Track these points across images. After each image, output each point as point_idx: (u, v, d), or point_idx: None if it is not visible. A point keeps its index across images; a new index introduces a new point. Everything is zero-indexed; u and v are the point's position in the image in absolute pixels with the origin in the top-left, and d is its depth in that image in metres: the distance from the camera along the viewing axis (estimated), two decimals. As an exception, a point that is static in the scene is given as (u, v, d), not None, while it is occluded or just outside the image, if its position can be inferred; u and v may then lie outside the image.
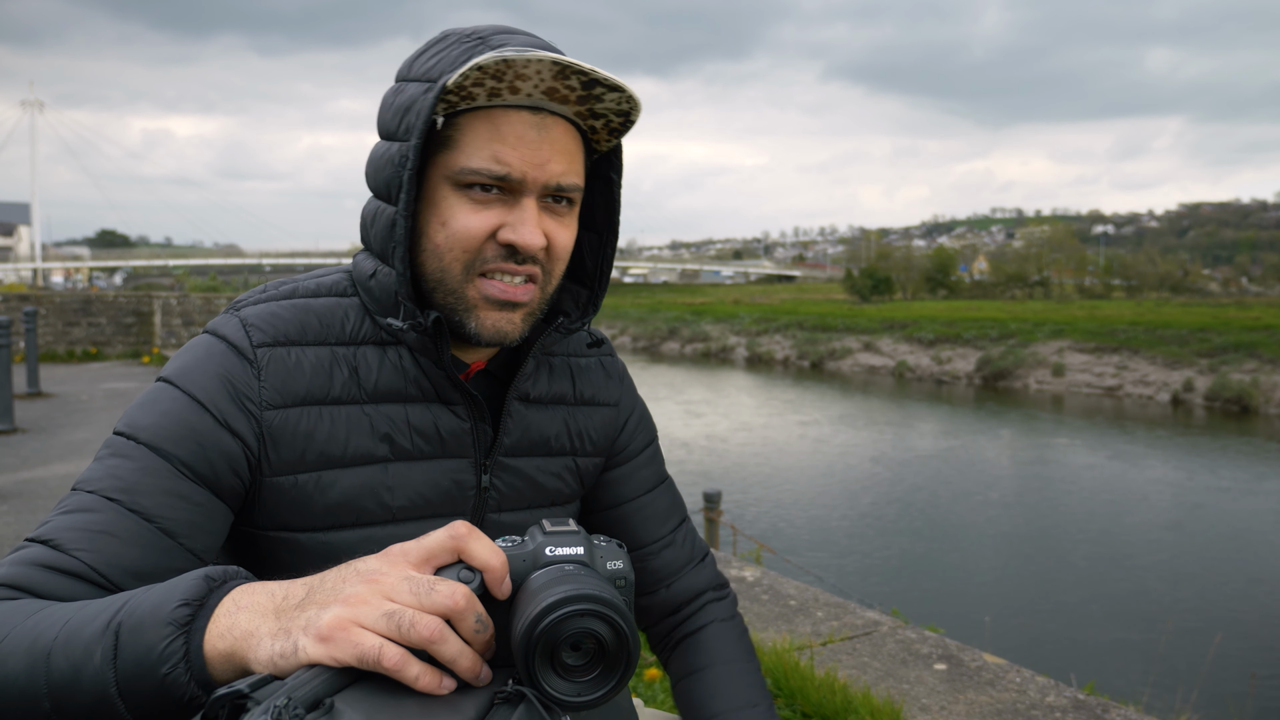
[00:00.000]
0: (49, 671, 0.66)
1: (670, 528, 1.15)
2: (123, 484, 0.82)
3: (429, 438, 0.95)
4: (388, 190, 0.90)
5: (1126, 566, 10.11)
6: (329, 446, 0.91)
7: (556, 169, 0.89)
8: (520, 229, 0.88)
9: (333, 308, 0.95)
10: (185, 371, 0.89)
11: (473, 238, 0.88)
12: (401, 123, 0.88)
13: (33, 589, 0.75)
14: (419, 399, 0.95)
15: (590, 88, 0.87)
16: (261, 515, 0.91)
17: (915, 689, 2.92)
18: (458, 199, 0.88)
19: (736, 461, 15.48)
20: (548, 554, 0.70)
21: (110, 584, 0.78)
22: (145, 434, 0.85)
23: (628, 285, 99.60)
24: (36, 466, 6.79)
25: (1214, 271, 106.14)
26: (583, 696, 0.64)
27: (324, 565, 0.90)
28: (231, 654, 0.64)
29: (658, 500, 1.15)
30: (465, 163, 0.87)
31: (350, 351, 0.94)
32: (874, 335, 33.61)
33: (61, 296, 16.19)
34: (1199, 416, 22.27)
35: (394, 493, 0.94)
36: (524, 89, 0.86)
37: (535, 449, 1.04)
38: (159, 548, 0.81)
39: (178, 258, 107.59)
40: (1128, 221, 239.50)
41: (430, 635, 0.62)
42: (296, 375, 0.90)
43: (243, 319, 0.92)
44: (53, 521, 0.80)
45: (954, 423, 21.03)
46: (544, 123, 0.88)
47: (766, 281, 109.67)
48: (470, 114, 0.88)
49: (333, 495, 0.91)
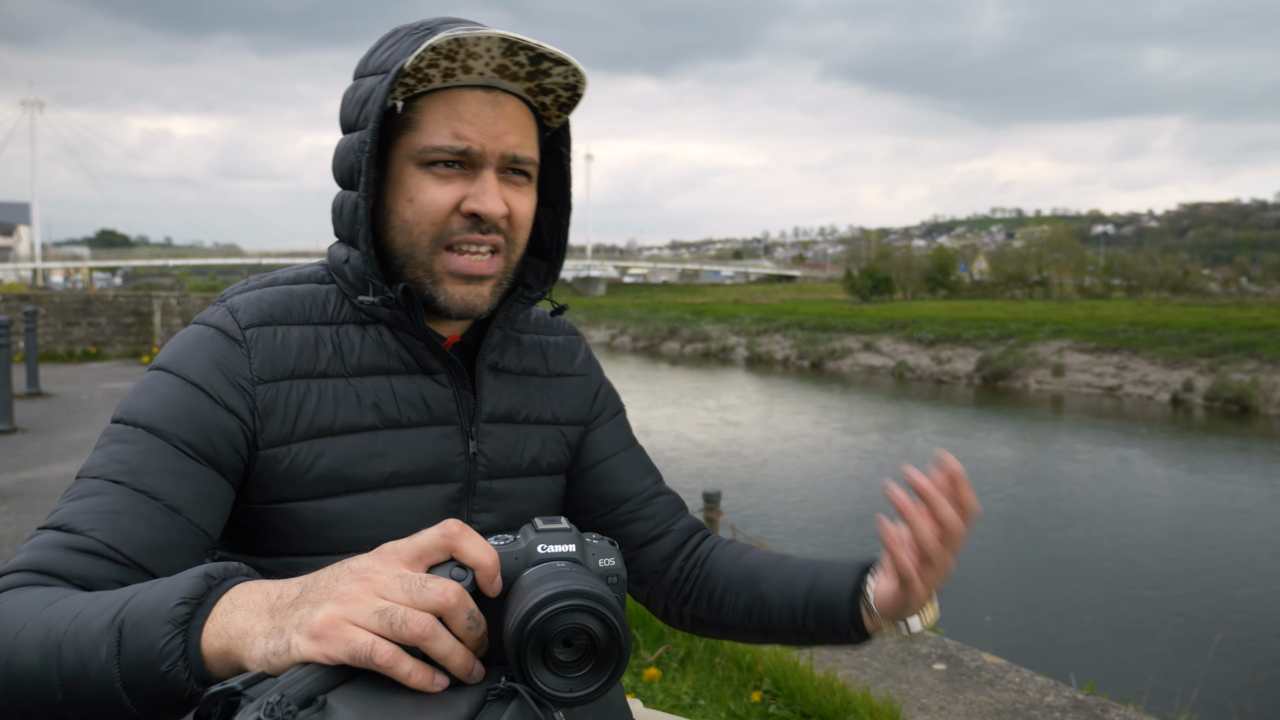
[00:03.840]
0: (60, 664, 0.68)
1: (652, 480, 1.20)
2: (127, 466, 0.84)
3: (415, 406, 0.99)
4: (351, 177, 0.95)
5: (1127, 566, 10.11)
6: (319, 416, 0.94)
7: (512, 140, 0.95)
8: (482, 198, 0.93)
9: (313, 292, 1.00)
10: (177, 358, 0.92)
11: (438, 209, 0.94)
12: (361, 112, 0.94)
13: (55, 570, 0.77)
14: (402, 371, 0.99)
15: (538, 63, 0.93)
16: (258, 490, 0.93)
17: (915, 689, 2.93)
18: (422, 175, 0.94)
19: (736, 461, 15.48)
20: (539, 552, 0.71)
21: (128, 560, 0.80)
22: (144, 417, 0.88)
23: (628, 285, 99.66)
24: (36, 466, 6.80)
25: (1214, 271, 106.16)
26: (575, 692, 0.64)
27: (318, 532, 0.93)
28: (227, 652, 0.64)
29: (634, 458, 1.20)
30: (427, 141, 0.93)
31: (333, 330, 0.98)
32: (874, 335, 33.62)
33: (61, 296, 16.19)
34: (1199, 416, 22.26)
35: (385, 459, 0.97)
36: (476, 67, 0.91)
37: (516, 416, 1.08)
38: (168, 525, 0.83)
39: (177, 258, 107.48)
40: (1128, 221, 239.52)
41: (422, 632, 0.62)
42: (284, 351, 0.94)
43: (229, 306, 0.96)
44: (63, 509, 0.82)
45: (954, 423, 21.03)
46: (497, 100, 0.94)
47: (766, 281, 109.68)
48: (428, 96, 0.93)
49: (325, 463, 0.94)
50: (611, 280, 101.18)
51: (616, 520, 1.16)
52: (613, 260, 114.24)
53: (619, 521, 1.16)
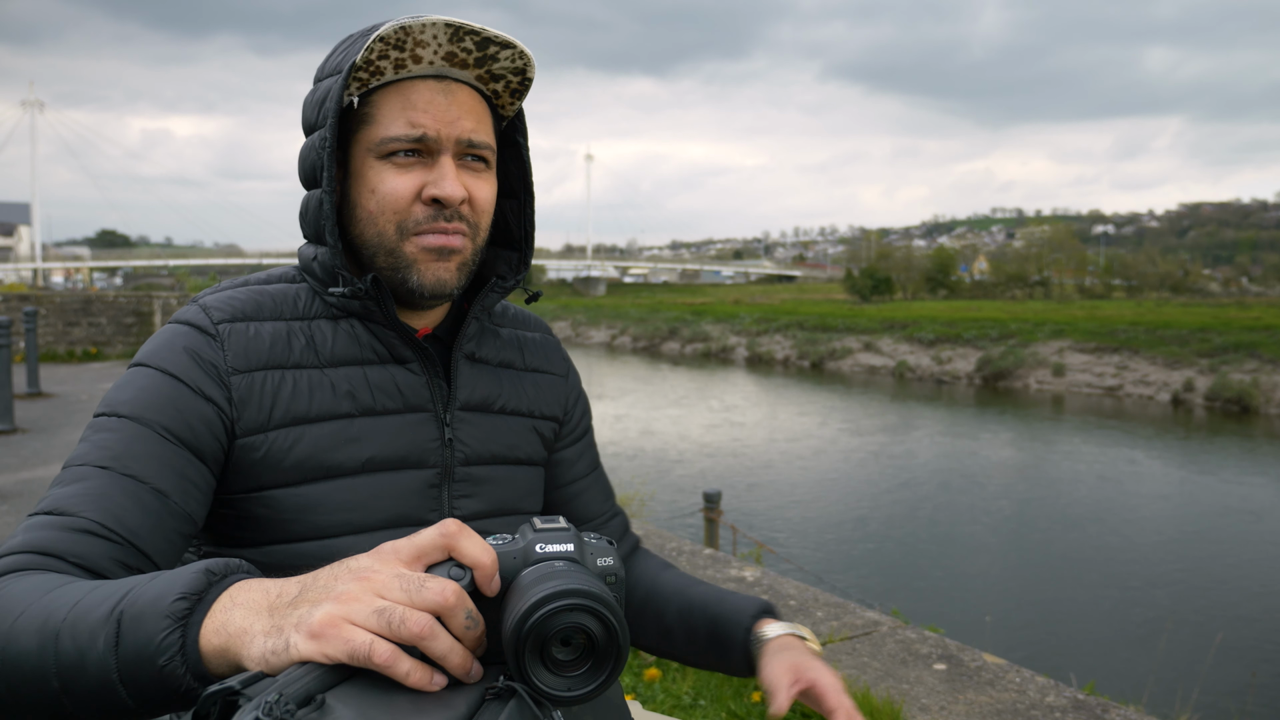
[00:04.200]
0: (58, 652, 0.68)
1: (612, 502, 1.28)
2: (111, 453, 0.86)
3: (390, 393, 1.01)
4: (314, 175, 0.98)
5: (1127, 566, 10.11)
6: (294, 404, 0.96)
7: (467, 125, 0.97)
8: (442, 183, 0.95)
9: (285, 290, 1.02)
10: (154, 353, 0.95)
11: (400, 198, 0.96)
12: (320, 112, 0.96)
13: (53, 549, 0.79)
14: (375, 361, 1.02)
15: (484, 48, 0.95)
16: (238, 478, 0.95)
17: (915, 689, 2.93)
18: (382, 166, 0.96)
19: (736, 461, 15.49)
20: (538, 551, 0.71)
21: (122, 538, 0.82)
22: (126, 408, 0.90)
23: (628, 285, 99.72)
24: (36, 466, 6.80)
25: (1214, 271, 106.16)
26: (573, 691, 0.64)
27: (298, 517, 0.95)
28: (225, 650, 0.64)
29: (599, 479, 1.27)
30: (383, 133, 0.95)
31: (305, 325, 1.00)
32: (874, 335, 33.62)
33: (61, 296, 16.21)
34: (1199, 416, 22.27)
35: (362, 444, 0.98)
36: (425, 56, 0.94)
37: (491, 406, 1.09)
38: (155, 508, 0.85)
39: (178, 258, 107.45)
40: (1128, 221, 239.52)
41: (421, 631, 0.62)
42: (256, 344, 0.96)
43: (202, 305, 0.99)
44: (50, 495, 0.84)
45: (954, 423, 21.04)
46: (449, 88, 0.97)
47: (767, 281, 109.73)
48: (382, 90, 0.96)
49: (302, 449, 0.96)
50: (612, 280, 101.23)
51: None
52: (613, 260, 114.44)
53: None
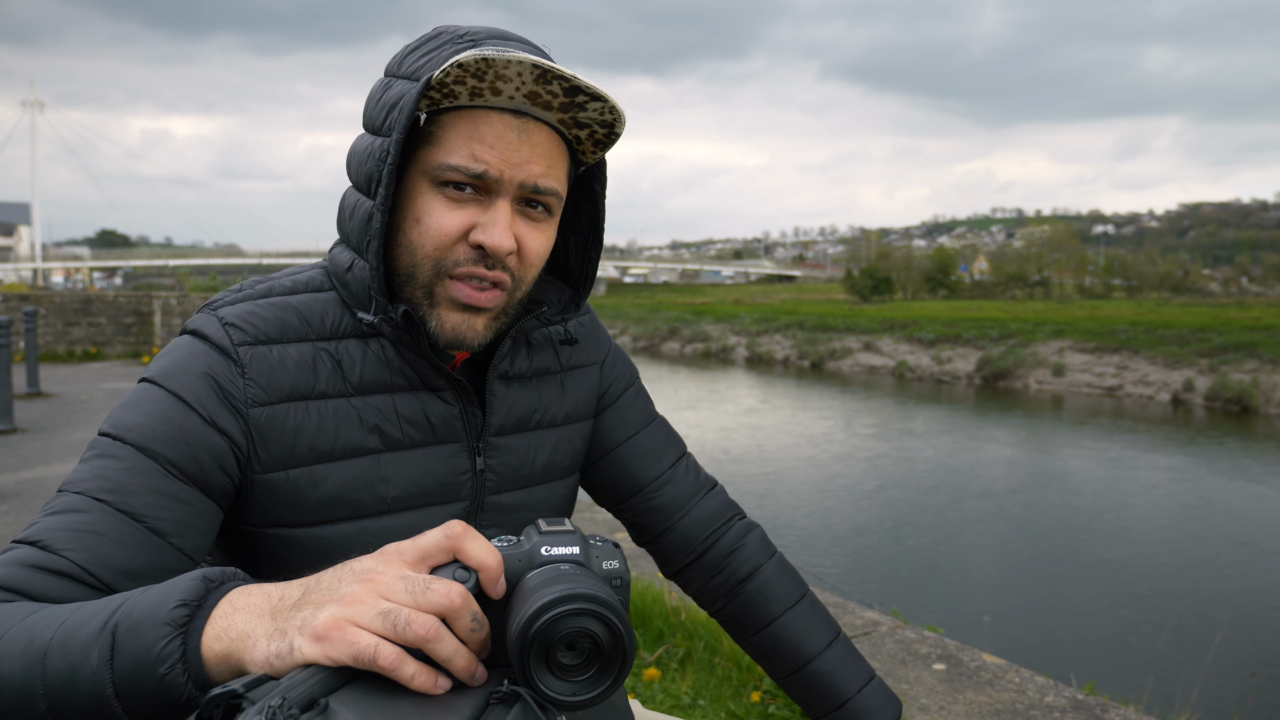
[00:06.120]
0: (45, 672, 0.66)
1: (669, 463, 1.15)
2: (110, 484, 0.81)
3: (419, 425, 0.96)
4: (368, 183, 0.89)
5: (1127, 566, 10.10)
6: (318, 441, 0.91)
7: (536, 169, 0.89)
8: (491, 230, 0.87)
9: (310, 303, 0.94)
10: (169, 371, 0.88)
11: (445, 235, 0.88)
12: (387, 118, 0.88)
13: (24, 590, 0.74)
14: (405, 388, 0.95)
15: (573, 95, 0.86)
16: (255, 513, 0.90)
17: (914, 689, 2.92)
18: (434, 195, 0.88)
19: (736, 461, 15.47)
20: (543, 553, 0.70)
21: (101, 584, 0.77)
22: (132, 434, 0.84)
23: (628, 285, 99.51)
24: (36, 466, 6.79)
25: (1214, 271, 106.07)
26: (578, 696, 0.64)
27: (321, 559, 0.88)
28: (228, 655, 0.64)
29: (650, 438, 1.15)
30: (444, 159, 0.87)
31: (332, 346, 0.93)
32: (874, 335, 33.58)
33: (61, 296, 16.19)
34: (1199, 416, 22.25)
35: (388, 483, 0.94)
36: (505, 90, 0.86)
37: (524, 425, 1.04)
38: (149, 547, 0.80)
39: (178, 258, 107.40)
40: (1128, 221, 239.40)
41: (426, 634, 0.62)
42: (280, 372, 0.90)
43: (221, 318, 0.91)
44: (40, 523, 0.79)
45: (954, 422, 21.02)
46: (525, 126, 0.88)
47: (767, 281, 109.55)
48: (453, 112, 0.88)
49: (325, 489, 0.91)
50: (612, 280, 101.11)
51: (633, 509, 1.14)
52: (613, 260, 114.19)
53: (636, 510, 1.14)
